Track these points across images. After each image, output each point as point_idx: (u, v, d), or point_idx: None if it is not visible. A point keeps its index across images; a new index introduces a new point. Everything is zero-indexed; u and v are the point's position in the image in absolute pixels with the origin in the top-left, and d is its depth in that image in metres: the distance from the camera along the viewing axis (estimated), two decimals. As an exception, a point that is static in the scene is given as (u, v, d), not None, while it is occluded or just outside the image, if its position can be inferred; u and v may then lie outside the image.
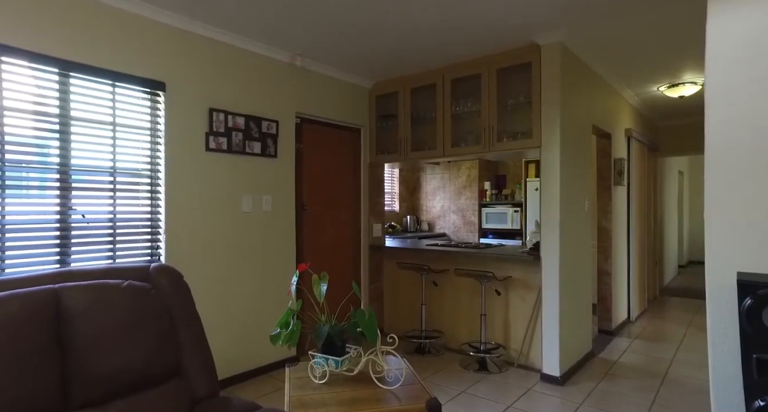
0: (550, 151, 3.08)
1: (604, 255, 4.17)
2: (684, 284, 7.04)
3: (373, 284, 4.18)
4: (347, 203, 4.03)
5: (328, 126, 3.85)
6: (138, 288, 1.29)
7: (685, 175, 9.04)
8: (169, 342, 1.33)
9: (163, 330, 1.32)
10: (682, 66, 3.76)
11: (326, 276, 1.86)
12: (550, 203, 3.08)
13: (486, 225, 5.75)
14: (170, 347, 1.33)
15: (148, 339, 1.25)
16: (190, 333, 1.41)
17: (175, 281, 1.44)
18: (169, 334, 1.33)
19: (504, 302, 3.46)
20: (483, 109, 3.39)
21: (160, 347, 1.28)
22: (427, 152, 3.77)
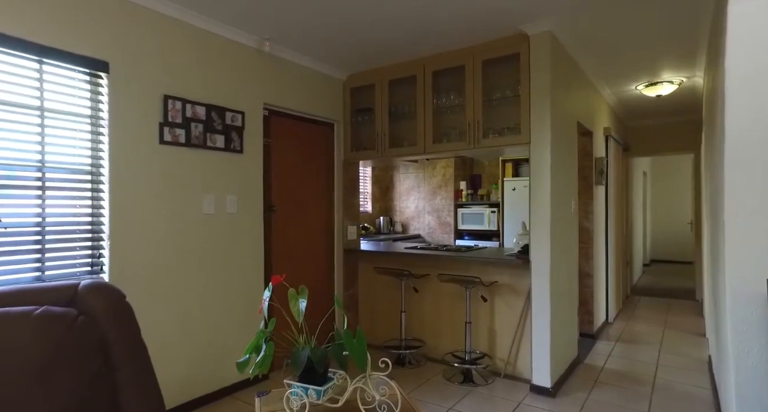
0: (540, 149, 2.90)
1: (586, 256, 4.07)
2: (650, 283, 7.16)
3: (347, 291, 3.88)
4: (320, 204, 3.72)
5: (299, 120, 3.53)
6: (57, 317, 0.96)
7: (648, 176, 9.28)
8: (101, 386, 1.01)
9: (93, 372, 0.99)
10: (662, 64, 3.70)
11: (305, 290, 1.56)
12: (540, 203, 2.90)
13: (462, 226, 5.58)
14: (103, 392, 1.01)
15: (69, 387, 0.92)
16: (132, 370, 1.09)
17: (114, 304, 1.11)
18: (101, 376, 1.01)
19: (489, 309, 3.26)
20: (467, 103, 3.17)
21: (86, 396, 0.95)
22: (407, 149, 3.52)
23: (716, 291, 2.47)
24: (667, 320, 4.79)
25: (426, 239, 5.84)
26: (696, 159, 5.71)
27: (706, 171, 3.34)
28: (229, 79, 2.86)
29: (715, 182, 2.19)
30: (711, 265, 2.87)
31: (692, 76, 4.03)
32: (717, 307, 2.49)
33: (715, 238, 2.43)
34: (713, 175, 2.34)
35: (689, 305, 5.54)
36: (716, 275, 2.31)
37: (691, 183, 7.10)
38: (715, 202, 2.25)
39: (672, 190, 9.49)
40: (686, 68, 3.82)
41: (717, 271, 2.23)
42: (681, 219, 9.34)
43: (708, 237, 3.17)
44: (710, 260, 3.00)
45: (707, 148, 3.27)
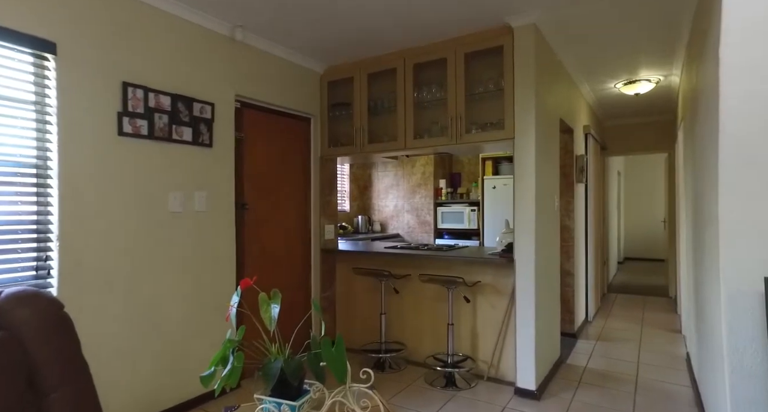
0: (524, 144, 2.82)
1: (567, 255, 4.03)
2: (625, 281, 7.26)
3: (325, 293, 3.72)
4: (295, 202, 3.55)
5: (273, 114, 3.35)
6: (-33, 335, 0.78)
7: (622, 176, 9.44)
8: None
9: (14, 400, 0.81)
10: (641, 61, 3.69)
11: (278, 295, 1.41)
12: (525, 201, 2.82)
13: (442, 225, 5.49)
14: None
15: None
16: (67, 394, 0.92)
17: (45, 316, 0.93)
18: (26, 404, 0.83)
19: (472, 310, 3.16)
20: (449, 97, 3.07)
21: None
22: (387, 144, 3.39)
23: (700, 289, 2.44)
24: (643, 317, 4.83)
25: (405, 239, 5.72)
26: (670, 158, 5.80)
27: (686, 168, 3.34)
28: (198, 68, 2.66)
29: (704, 178, 2.15)
30: (693, 263, 2.85)
31: (669, 74, 4.05)
32: (701, 305, 2.46)
33: (700, 236, 2.40)
34: (700, 171, 2.29)
35: (663, 302, 5.61)
36: (703, 273, 2.27)
37: (664, 182, 7.23)
38: (702, 199, 2.20)
39: (644, 189, 9.70)
40: (664, 66, 3.82)
41: (704, 269, 2.19)
42: (653, 218, 9.55)
43: (688, 235, 3.16)
44: (691, 258, 2.99)
45: (687, 145, 3.26)
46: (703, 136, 2.17)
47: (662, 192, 9.33)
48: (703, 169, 2.14)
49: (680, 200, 4.28)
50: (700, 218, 2.37)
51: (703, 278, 2.30)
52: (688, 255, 3.36)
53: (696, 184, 2.56)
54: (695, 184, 2.63)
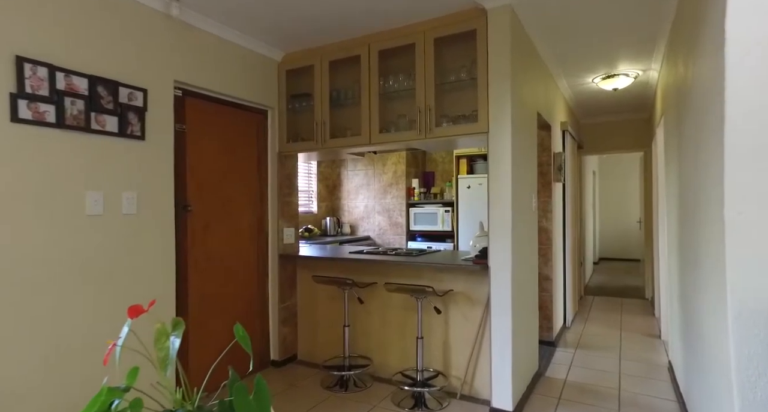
0: (499, 139, 2.55)
1: (545, 258, 3.81)
2: (601, 282, 7.15)
3: (284, 303, 3.38)
4: (250, 203, 3.19)
5: (224, 105, 2.99)
6: None
7: (597, 175, 9.40)
8: None
9: None
10: (620, 54, 3.49)
11: (181, 324, 1.07)
12: (500, 201, 2.55)
13: (414, 227, 5.21)
14: None
15: None
16: None
17: None
18: None
19: (443, 321, 2.88)
20: (418, 87, 2.78)
21: None
22: (350, 139, 3.08)
23: (692, 297, 2.22)
24: (621, 320, 4.67)
25: (376, 241, 5.42)
26: (646, 157, 5.69)
27: (669, 166, 3.15)
28: (123, 47, 2.28)
29: (699, 177, 1.92)
30: (680, 267, 2.64)
31: (648, 68, 3.88)
32: (691, 315, 2.24)
33: (691, 238, 2.18)
34: (693, 169, 2.07)
35: (639, 304, 5.49)
36: (697, 280, 2.04)
37: (639, 182, 7.17)
38: (697, 198, 1.97)
39: (619, 189, 9.69)
40: (643, 60, 3.64)
41: (699, 276, 1.96)
42: (628, 218, 9.54)
43: (673, 237, 2.97)
44: (677, 260, 2.79)
45: (670, 142, 3.07)
46: (697, 131, 1.94)
47: (637, 192, 9.33)
48: (699, 167, 1.91)
49: (660, 200, 4.13)
50: (692, 219, 2.15)
51: (696, 285, 2.08)
52: (670, 257, 3.17)
53: (685, 182, 2.34)
54: (683, 183, 2.41)
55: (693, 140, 2.05)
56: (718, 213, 1.46)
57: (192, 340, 2.69)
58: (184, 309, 2.66)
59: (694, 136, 2.04)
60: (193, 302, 2.72)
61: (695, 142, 1.99)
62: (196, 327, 2.74)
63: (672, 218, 3.00)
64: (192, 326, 2.71)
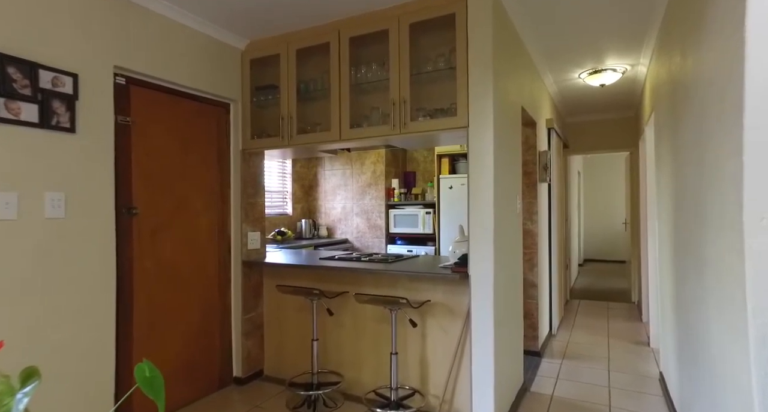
0: (480, 134, 2.32)
1: (530, 264, 3.59)
2: (587, 285, 7.01)
3: (248, 314, 3.09)
4: (209, 205, 2.90)
5: (179, 96, 2.69)
6: None
7: (582, 176, 9.29)
8: None
9: None
10: (608, 47, 3.30)
11: (35, 374, 0.79)
12: (481, 203, 2.32)
13: (394, 229, 4.96)
14: None
15: None
16: None
17: None
18: None
19: (420, 335, 2.63)
20: (392, 77, 2.53)
21: None
22: (319, 135, 2.81)
23: (693, 308, 2.01)
24: (608, 327, 4.49)
25: (355, 245, 5.16)
26: (633, 157, 5.54)
27: (661, 166, 2.96)
28: (45, 22, 1.97)
29: (708, 177, 1.70)
30: (676, 273, 2.44)
31: (636, 63, 3.70)
32: (694, 328, 2.04)
33: (691, 244, 1.97)
34: (699, 168, 1.86)
35: (626, 308, 5.34)
36: (702, 292, 1.83)
37: (625, 182, 7.05)
38: (702, 201, 1.76)
39: (604, 189, 9.60)
40: (632, 54, 3.46)
41: (705, 289, 1.75)
42: (613, 219, 9.46)
43: (667, 240, 2.77)
44: (670, 265, 2.59)
45: (663, 140, 2.88)
46: (700, 126, 1.73)
47: (623, 192, 9.25)
48: (703, 167, 1.69)
49: (648, 201, 3.95)
50: (692, 224, 1.94)
51: (699, 298, 1.86)
52: (662, 262, 2.98)
53: (683, 183, 2.14)
54: (680, 184, 2.21)
55: (694, 137, 1.84)
56: (734, 218, 1.24)
57: (136, 356, 2.38)
58: (126, 323, 2.36)
59: (695, 132, 1.83)
60: (138, 315, 2.42)
61: (697, 139, 1.78)
62: (142, 342, 2.43)
63: (664, 221, 2.81)
64: (137, 340, 2.41)
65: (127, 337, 2.35)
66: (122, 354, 2.30)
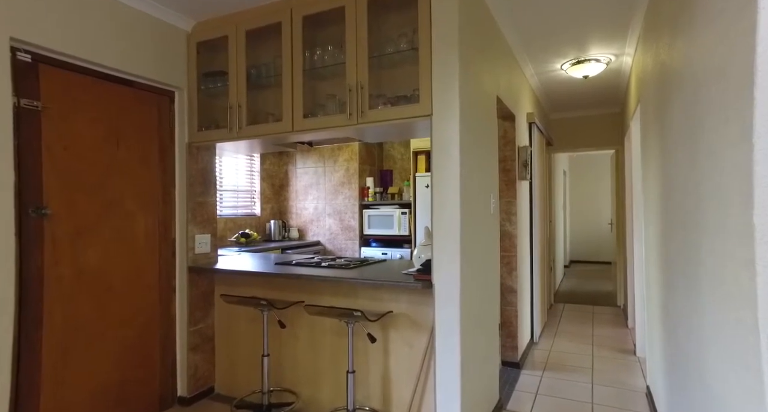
0: (444, 123, 2.04)
1: (509, 268, 3.33)
2: (571, 288, 6.79)
3: (195, 326, 2.78)
4: (148, 205, 2.58)
5: (110, 81, 2.37)
6: None
7: (567, 175, 9.10)
8: None
9: None
10: (592, 35, 3.06)
11: None
12: (446, 202, 2.04)
13: (369, 231, 4.67)
14: None
15: None
16: None
17: None
18: None
19: (382, 350, 2.35)
20: (348, 60, 2.24)
21: None
22: (270, 126, 2.51)
23: (684, 319, 1.76)
24: (593, 334, 4.25)
25: (327, 247, 4.86)
26: (618, 155, 5.33)
27: (649, 163, 2.72)
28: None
29: (705, 173, 1.44)
30: (664, 277, 2.19)
31: (621, 53, 3.46)
32: (687, 341, 1.78)
33: (684, 247, 1.71)
34: (693, 163, 1.60)
35: (611, 313, 5.11)
36: (698, 302, 1.58)
37: (610, 182, 6.85)
38: (696, 199, 1.50)
39: (590, 189, 9.42)
40: (616, 42, 3.22)
41: (702, 299, 1.49)
42: (599, 219, 9.28)
43: (654, 243, 2.53)
44: (662, 272, 2.34)
45: (650, 136, 2.63)
46: (695, 118, 1.47)
47: (608, 192, 9.08)
48: (698, 162, 1.43)
49: (634, 200, 3.72)
50: (685, 225, 1.68)
51: (694, 309, 1.61)
52: (649, 266, 2.73)
53: (673, 181, 1.88)
54: (670, 182, 1.96)
55: (687, 130, 1.58)
56: (738, 220, 0.97)
57: (46, 381, 2.06)
58: (33, 341, 2.03)
59: (686, 119, 1.57)
60: (51, 336, 2.09)
61: (690, 132, 1.52)
62: (55, 370, 2.11)
63: (650, 223, 2.56)
64: (48, 369, 2.08)
65: (32, 369, 2.00)
66: (25, 392, 1.97)
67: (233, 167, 4.62)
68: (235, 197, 4.65)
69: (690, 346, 1.60)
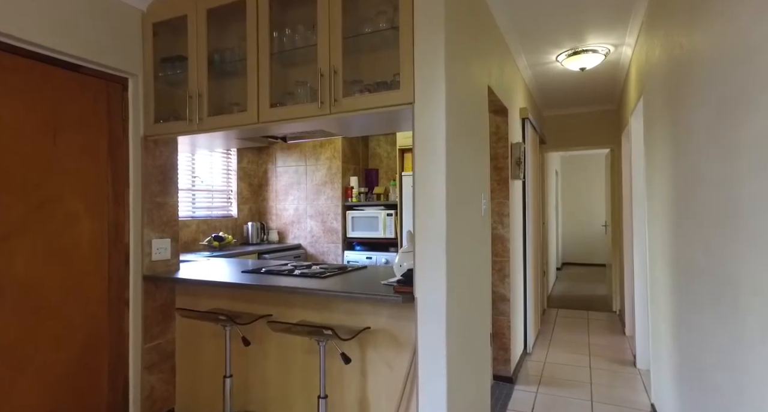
0: (429, 112, 1.77)
1: (501, 274, 3.07)
2: (565, 291, 6.58)
3: (152, 342, 2.48)
4: (94, 205, 2.28)
5: (45, 62, 2.06)
6: None
7: (559, 175, 8.91)
8: None
9: None
10: (590, 22, 2.82)
11: None
12: (430, 202, 1.78)
13: (352, 233, 4.40)
14: None
15: None
16: None
17: None
18: None
19: (359, 371, 2.07)
20: (320, 40, 1.96)
21: None
22: (234, 117, 2.22)
23: (706, 340, 1.51)
24: (589, 342, 4.02)
25: (308, 251, 4.57)
26: (614, 154, 5.12)
27: (654, 160, 2.48)
28: None
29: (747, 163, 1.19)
30: (686, 296, 1.94)
31: (621, 43, 3.23)
32: (719, 371, 1.54)
33: (702, 256, 1.46)
34: (725, 158, 1.35)
35: (607, 319, 4.89)
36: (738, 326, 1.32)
37: (605, 182, 6.65)
38: (731, 200, 1.25)
39: (583, 190, 9.24)
40: (616, 30, 2.99)
41: (737, 322, 1.24)
42: (592, 221, 9.10)
43: (662, 248, 2.28)
44: (676, 283, 2.10)
45: (660, 128, 2.39)
46: (732, 108, 1.22)
47: (602, 193, 8.90)
48: (733, 153, 1.18)
49: (634, 201, 3.49)
50: (711, 230, 1.43)
51: (726, 335, 1.35)
52: (655, 274, 2.50)
53: (694, 178, 1.63)
54: (687, 178, 1.71)
55: (713, 117, 1.33)
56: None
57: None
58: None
59: (715, 110, 1.32)
60: (-28, 356, 1.78)
61: (719, 119, 1.27)
62: (-22, 394, 1.80)
63: (656, 225, 2.32)
64: (-31, 393, 1.77)
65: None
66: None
67: (208, 165, 4.31)
68: (209, 197, 4.35)
69: (718, 371, 1.35)
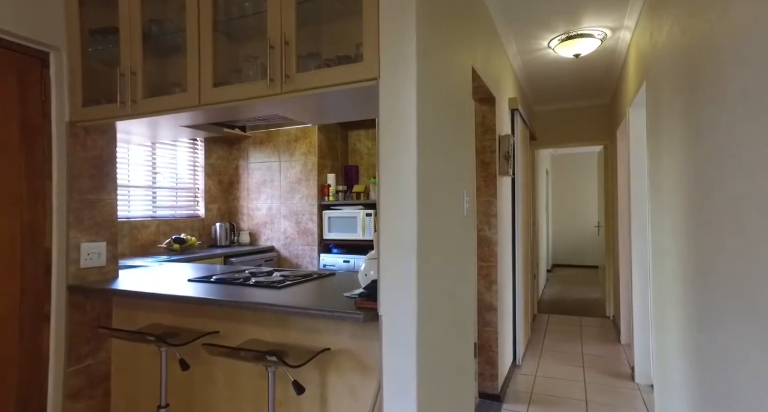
0: (396, 90, 1.45)
1: (488, 281, 2.76)
2: (556, 295, 6.31)
3: (80, 364, 2.12)
4: (3, 204, 1.91)
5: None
6: None
7: (549, 174, 8.67)
8: None
9: None
10: (586, 2, 2.53)
11: None
12: (397, 198, 1.45)
13: (329, 234, 4.06)
14: None
15: None
16: None
17: None
18: None
19: (318, 400, 1.74)
20: (271, 7, 1.63)
21: None
22: (172, 99, 1.87)
23: (738, 365, 1.20)
24: (582, 352, 3.73)
25: (282, 254, 4.22)
26: (607, 151, 4.85)
27: (659, 154, 2.19)
28: None
29: None
30: (696, 304, 1.64)
31: (620, 26, 2.94)
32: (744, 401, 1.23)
33: (734, 265, 1.16)
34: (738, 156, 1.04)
35: (600, 325, 4.63)
36: None
37: (597, 181, 6.40)
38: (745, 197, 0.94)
39: (574, 189, 9.00)
40: (616, 10, 2.70)
41: None
42: (584, 221, 8.87)
43: (672, 252, 1.99)
44: (687, 293, 1.80)
45: (669, 119, 2.10)
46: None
47: (594, 193, 8.67)
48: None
49: (633, 199, 3.20)
50: (755, 235, 1.12)
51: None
52: (663, 283, 2.20)
53: (722, 174, 1.33)
54: (715, 174, 1.41)
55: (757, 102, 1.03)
56: None
57: None
58: None
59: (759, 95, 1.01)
60: None
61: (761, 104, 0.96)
62: None
63: (665, 227, 2.03)
64: None
65: None
66: None
67: (170, 160, 3.94)
68: (173, 196, 3.98)
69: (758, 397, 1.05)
